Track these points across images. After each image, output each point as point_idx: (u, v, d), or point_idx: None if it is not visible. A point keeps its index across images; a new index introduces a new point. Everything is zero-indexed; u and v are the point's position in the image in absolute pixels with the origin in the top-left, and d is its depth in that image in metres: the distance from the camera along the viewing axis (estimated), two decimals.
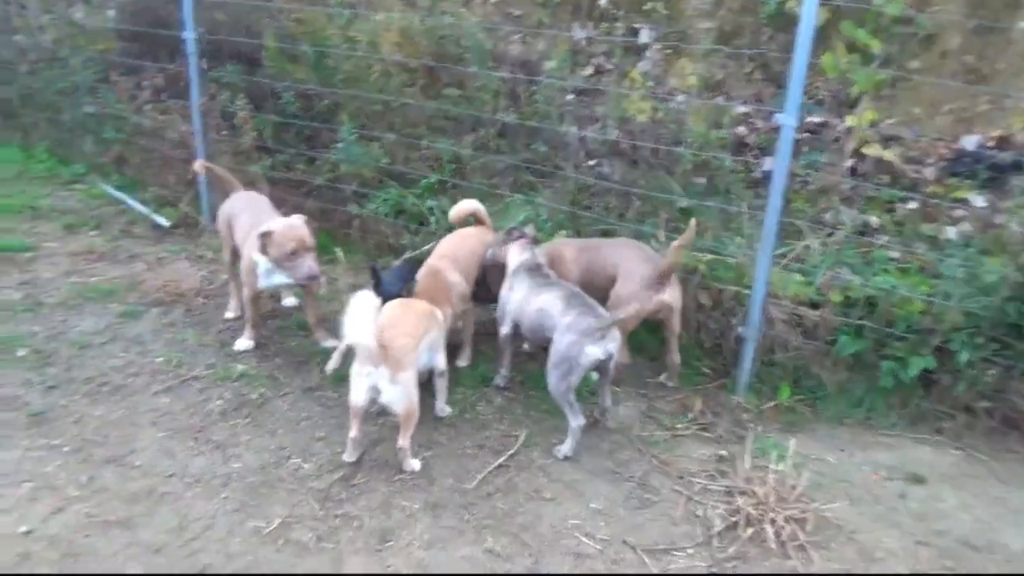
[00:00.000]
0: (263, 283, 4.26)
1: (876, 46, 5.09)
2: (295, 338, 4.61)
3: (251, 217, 4.44)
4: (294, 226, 4.09)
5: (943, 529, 3.28)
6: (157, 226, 6.24)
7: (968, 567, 3.05)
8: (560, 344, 3.57)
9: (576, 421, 3.59)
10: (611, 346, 3.56)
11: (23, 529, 3.01)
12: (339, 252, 5.61)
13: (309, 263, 4.05)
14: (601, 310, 3.69)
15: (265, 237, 4.00)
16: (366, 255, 5.88)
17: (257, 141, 6.27)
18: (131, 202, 6.59)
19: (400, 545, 3.05)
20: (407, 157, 6.22)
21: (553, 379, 3.60)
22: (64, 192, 6.85)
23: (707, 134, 5.05)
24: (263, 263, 4.12)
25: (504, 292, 4.10)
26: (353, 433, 3.48)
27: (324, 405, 3.99)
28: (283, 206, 6.17)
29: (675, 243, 4.01)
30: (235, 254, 4.57)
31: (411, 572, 2.92)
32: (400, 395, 3.34)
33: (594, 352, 3.51)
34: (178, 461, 3.49)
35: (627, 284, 4.10)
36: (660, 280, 4.03)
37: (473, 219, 4.85)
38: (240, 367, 4.20)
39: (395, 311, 3.61)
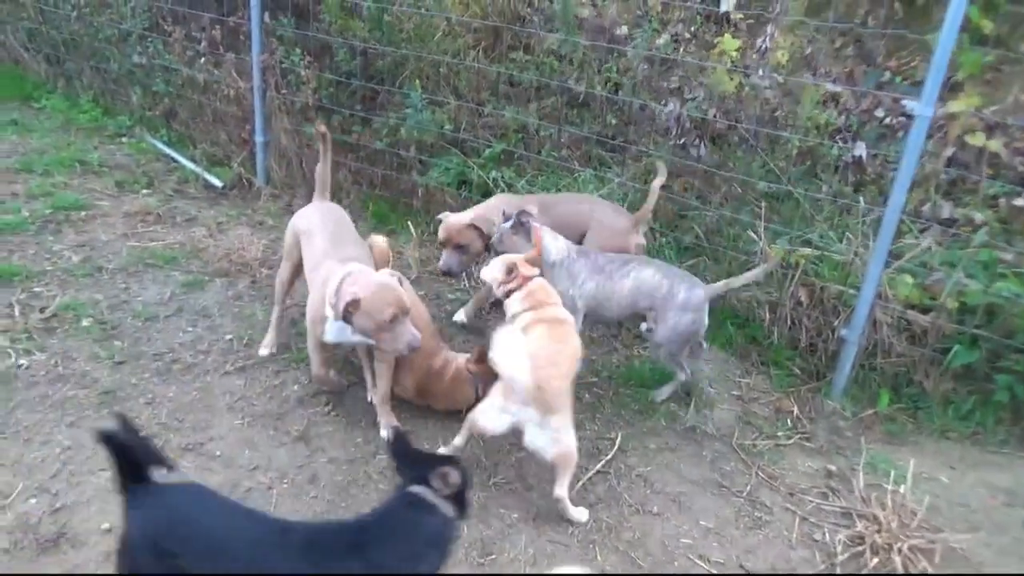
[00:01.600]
0: (331, 338, 3.35)
1: (987, 26, 4.73)
2: None
3: (327, 241, 3.55)
4: (388, 287, 3.14)
5: None
6: (210, 186, 6.00)
7: None
8: (680, 323, 3.64)
9: (684, 375, 3.81)
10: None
11: (105, 526, 2.84)
12: (411, 227, 5.34)
13: (412, 331, 3.15)
14: (696, 279, 3.76)
15: (351, 307, 3.05)
16: (428, 227, 5.63)
17: (315, 100, 5.97)
18: (181, 159, 6.35)
19: (504, 560, 2.87)
20: (471, 123, 5.93)
21: (665, 354, 3.76)
22: (111, 146, 6.61)
23: (816, 118, 4.71)
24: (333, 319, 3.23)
25: (563, 286, 3.71)
26: (458, 442, 3.26)
27: (409, 401, 3.78)
28: (340, 170, 5.96)
29: (654, 183, 4.18)
30: (294, 276, 3.90)
31: None
32: (551, 441, 2.96)
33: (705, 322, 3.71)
34: (260, 452, 3.30)
35: (603, 233, 4.26)
36: (635, 226, 4.28)
37: None
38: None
39: (549, 347, 3.06)
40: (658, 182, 4.22)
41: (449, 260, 4.31)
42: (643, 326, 3.96)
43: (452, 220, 4.31)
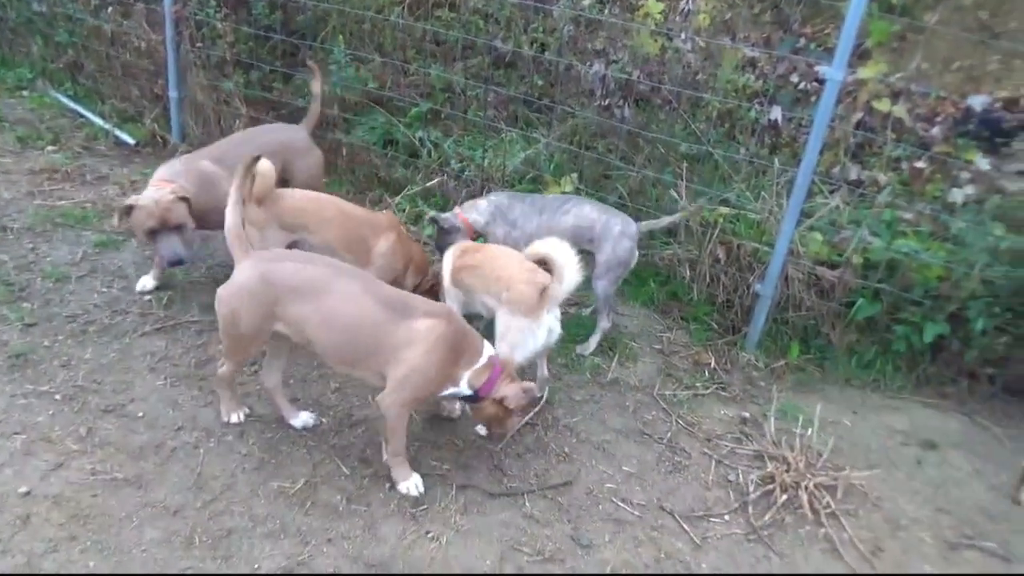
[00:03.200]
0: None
1: None
2: None
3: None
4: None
5: (960, 497, 3.36)
6: (122, 143, 5.74)
7: (987, 536, 3.13)
8: (619, 249, 3.92)
9: (607, 323, 4.03)
10: None
11: (22, 489, 2.75)
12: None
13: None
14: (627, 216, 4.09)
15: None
16: (354, 186, 5.56)
17: (234, 56, 5.75)
18: (89, 115, 6.03)
19: (436, 509, 2.94)
20: (396, 82, 5.84)
21: (603, 284, 3.95)
22: (11, 99, 6.23)
23: (736, 81, 4.85)
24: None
25: (503, 233, 4.06)
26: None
27: (303, 347, 3.77)
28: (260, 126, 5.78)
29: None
30: None
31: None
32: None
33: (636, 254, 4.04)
34: (184, 412, 3.25)
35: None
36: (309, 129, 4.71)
37: None
38: None
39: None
40: (316, 85, 4.64)
41: (172, 246, 3.66)
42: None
43: (151, 200, 3.63)
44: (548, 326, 3.25)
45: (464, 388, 2.92)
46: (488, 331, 3.29)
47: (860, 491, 3.29)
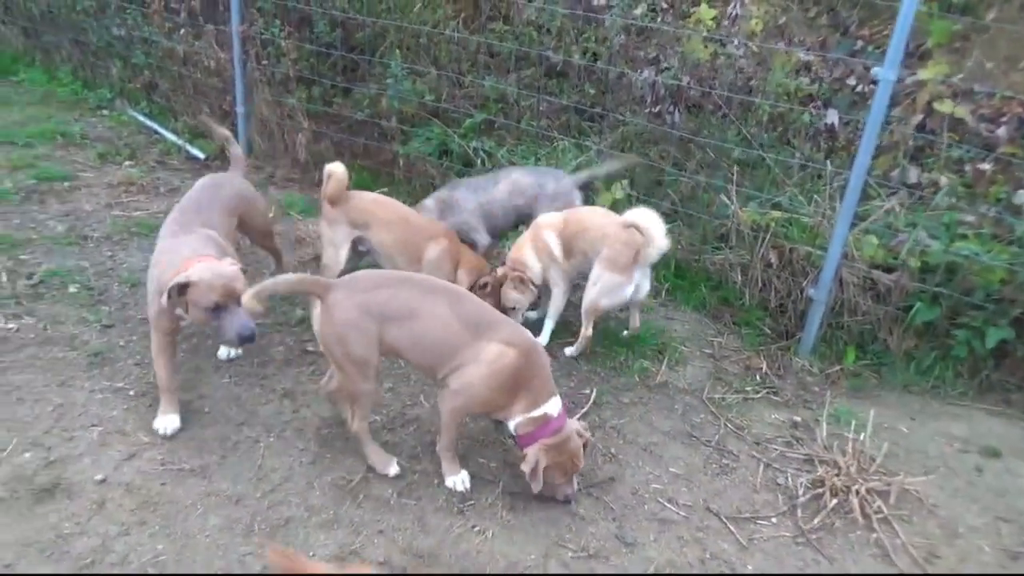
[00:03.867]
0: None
1: None
2: None
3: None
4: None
5: (1023, 506, 3.25)
6: (193, 158, 6.04)
7: None
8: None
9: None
10: None
11: (98, 477, 2.95)
12: None
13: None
14: (560, 172, 4.57)
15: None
16: (410, 196, 5.71)
17: (296, 71, 6.01)
18: (163, 131, 6.38)
19: (483, 505, 3.01)
20: (451, 94, 5.99)
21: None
22: (92, 118, 6.63)
23: (787, 84, 4.82)
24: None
25: (458, 219, 4.42)
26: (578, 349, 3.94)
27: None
28: (322, 140, 6.02)
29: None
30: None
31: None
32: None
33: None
34: (246, 409, 3.41)
35: None
36: None
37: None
38: (299, 312, 4.09)
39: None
40: (218, 132, 4.42)
41: (243, 321, 3.05)
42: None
43: (212, 273, 3.05)
44: (637, 283, 3.76)
45: (511, 425, 3.00)
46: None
47: (915, 497, 3.22)
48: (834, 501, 3.13)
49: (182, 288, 2.99)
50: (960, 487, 3.32)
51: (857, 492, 3.14)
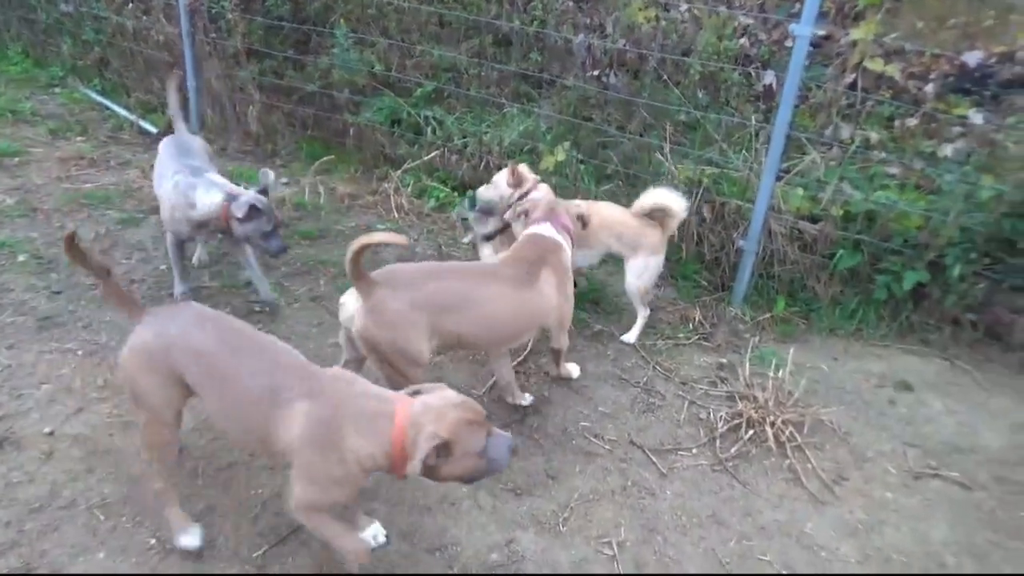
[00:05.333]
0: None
1: None
2: (298, 247, 4.60)
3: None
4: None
5: (929, 432, 3.48)
6: (145, 132, 6.09)
7: (951, 467, 3.25)
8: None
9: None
10: None
11: (47, 430, 3.06)
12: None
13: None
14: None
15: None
16: (362, 165, 5.82)
17: (247, 45, 6.05)
18: (115, 107, 6.40)
19: None
20: (401, 64, 6.07)
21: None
22: (43, 96, 6.63)
23: (717, 45, 4.97)
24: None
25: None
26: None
27: (333, 313, 4.03)
28: (275, 113, 6.08)
29: None
30: None
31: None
32: None
33: None
34: None
35: None
36: None
37: None
38: (246, 274, 4.20)
39: None
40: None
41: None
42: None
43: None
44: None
45: None
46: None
47: (828, 427, 3.43)
48: (751, 432, 3.33)
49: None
50: (872, 418, 3.53)
51: (772, 423, 3.34)
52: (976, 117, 5.13)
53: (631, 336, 3.99)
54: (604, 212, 3.94)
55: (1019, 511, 3.05)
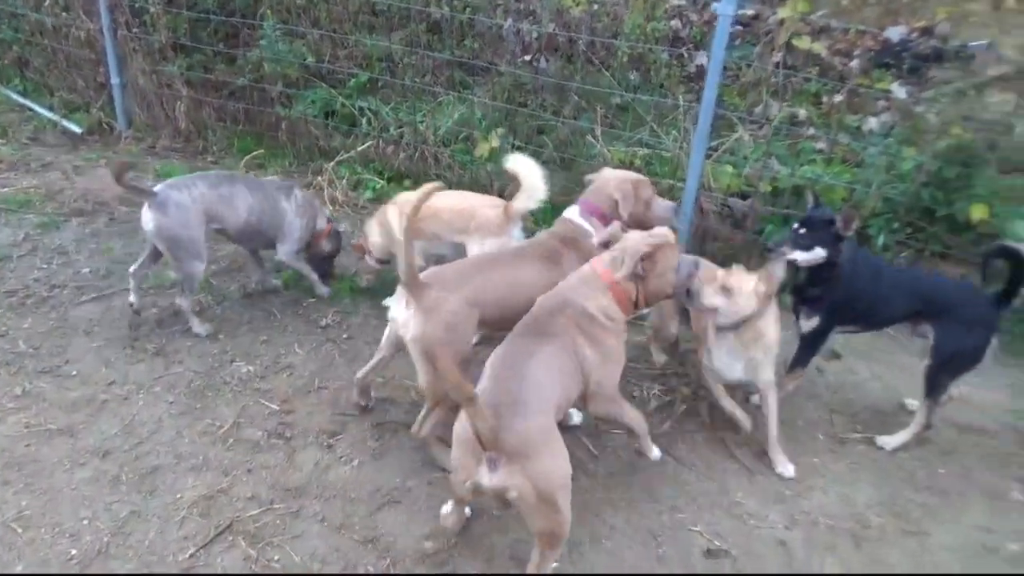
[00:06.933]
0: None
1: None
2: (229, 244, 4.49)
3: None
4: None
5: (856, 398, 3.56)
6: (70, 133, 5.90)
7: (875, 429, 3.33)
8: None
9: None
10: None
11: None
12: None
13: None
14: None
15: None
16: (296, 159, 5.72)
17: (172, 39, 5.90)
18: (37, 108, 6.19)
19: (352, 438, 3.15)
20: (334, 55, 5.98)
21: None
22: None
23: (643, 27, 4.99)
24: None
25: None
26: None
27: (264, 310, 3.97)
28: (204, 108, 5.95)
29: None
30: None
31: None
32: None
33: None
34: (117, 369, 3.44)
35: None
36: None
37: None
38: (173, 275, 4.10)
39: None
40: None
41: None
42: None
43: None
44: (516, 240, 3.54)
45: None
46: None
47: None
48: (683, 408, 3.36)
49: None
50: (802, 386, 3.59)
51: (705, 399, 3.38)
52: (899, 91, 5.26)
53: None
54: (434, 200, 3.65)
55: (938, 469, 3.15)
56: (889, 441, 3.24)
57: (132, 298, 3.72)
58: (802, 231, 3.18)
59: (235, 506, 2.79)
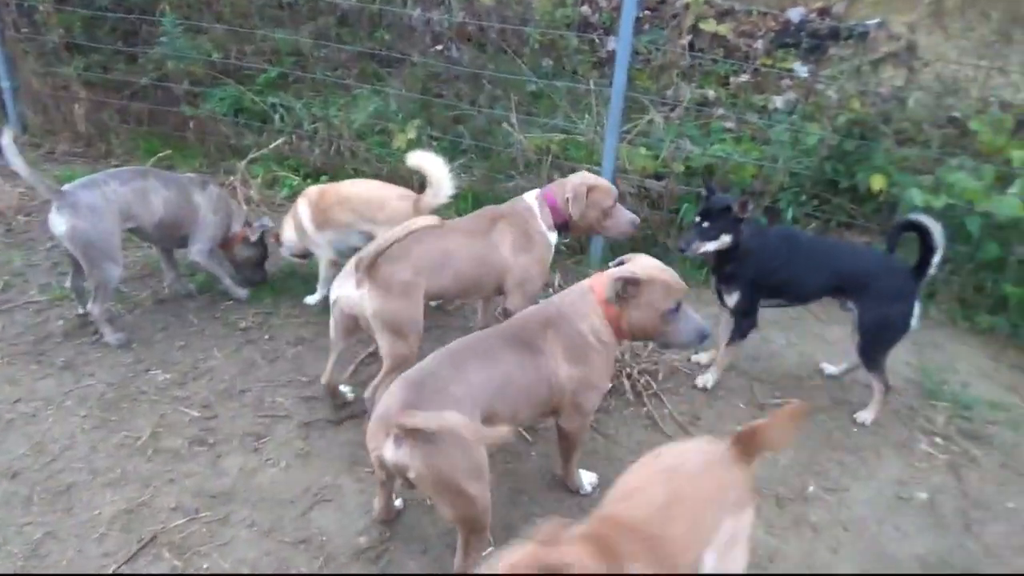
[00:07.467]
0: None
1: None
2: (139, 249, 4.33)
3: None
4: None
5: (774, 366, 3.71)
6: None
7: (794, 395, 3.47)
8: None
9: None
10: None
11: None
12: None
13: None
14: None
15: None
16: (207, 159, 5.54)
17: (66, 39, 5.61)
18: None
19: (278, 440, 3.08)
20: (241, 51, 5.81)
21: None
22: None
23: (552, 13, 5.03)
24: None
25: None
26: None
27: (179, 315, 3.84)
28: (105, 110, 5.68)
29: None
30: None
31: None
32: None
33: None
34: (22, 386, 3.27)
35: None
36: None
37: None
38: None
39: None
40: None
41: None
42: None
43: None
44: None
45: None
46: None
47: (681, 372, 3.59)
48: (609, 386, 3.42)
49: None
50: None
51: (629, 375, 3.46)
52: (800, 70, 5.47)
53: None
54: (344, 189, 3.79)
55: (852, 428, 3.31)
56: (866, 417, 3.35)
57: (80, 310, 3.64)
58: (705, 224, 3.29)
59: (158, 518, 2.70)
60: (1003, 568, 2.69)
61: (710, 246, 3.32)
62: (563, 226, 3.32)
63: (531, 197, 3.35)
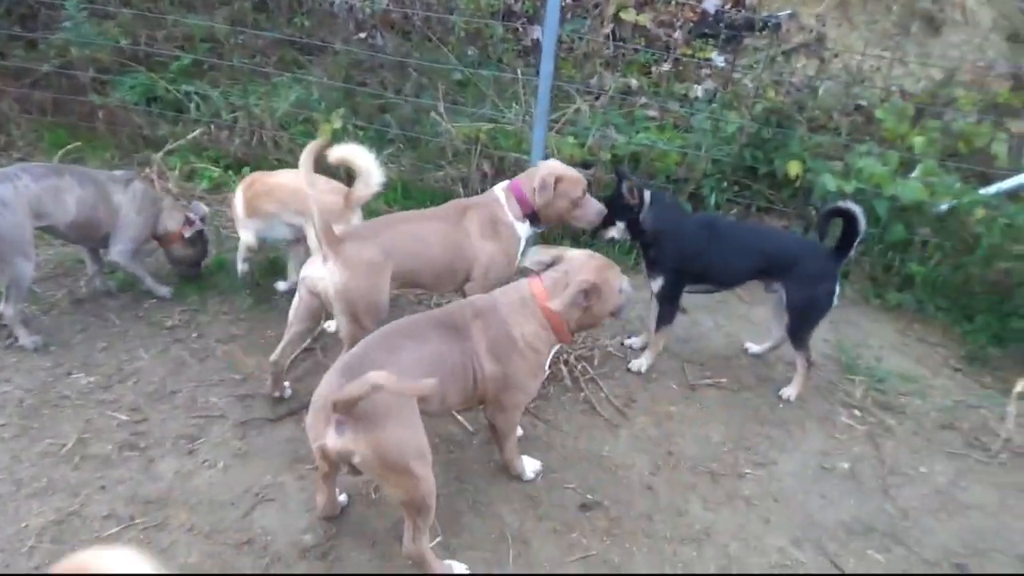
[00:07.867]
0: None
1: None
2: (50, 248, 4.11)
3: None
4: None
5: (703, 347, 3.85)
6: None
7: (722, 374, 3.62)
8: None
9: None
10: None
11: None
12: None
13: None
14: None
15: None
16: (119, 150, 5.29)
17: None
18: None
19: (213, 441, 3.00)
20: (151, 37, 5.55)
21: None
22: None
23: (477, 1, 5.02)
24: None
25: None
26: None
27: (99, 316, 3.68)
28: (3, 99, 5.34)
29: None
30: None
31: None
32: None
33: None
34: None
35: None
36: None
37: None
38: None
39: None
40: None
41: None
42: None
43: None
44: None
45: None
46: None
47: (616, 356, 3.69)
48: (548, 372, 3.48)
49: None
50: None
51: (566, 361, 3.53)
52: (718, 59, 5.65)
53: None
54: (271, 179, 3.70)
55: (778, 404, 3.48)
56: (790, 392, 3.50)
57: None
58: (606, 212, 3.44)
59: (91, 527, 2.60)
60: (919, 531, 2.90)
61: (611, 232, 3.53)
62: (532, 216, 3.33)
63: (499, 189, 3.37)
